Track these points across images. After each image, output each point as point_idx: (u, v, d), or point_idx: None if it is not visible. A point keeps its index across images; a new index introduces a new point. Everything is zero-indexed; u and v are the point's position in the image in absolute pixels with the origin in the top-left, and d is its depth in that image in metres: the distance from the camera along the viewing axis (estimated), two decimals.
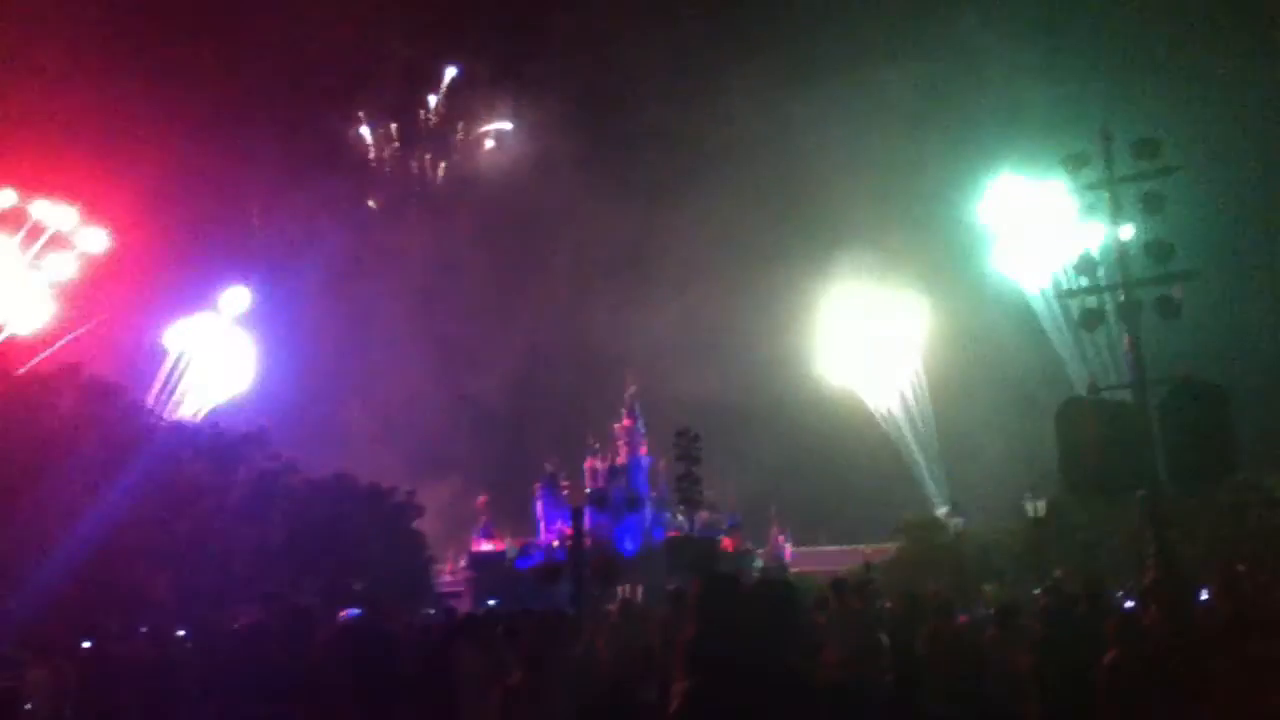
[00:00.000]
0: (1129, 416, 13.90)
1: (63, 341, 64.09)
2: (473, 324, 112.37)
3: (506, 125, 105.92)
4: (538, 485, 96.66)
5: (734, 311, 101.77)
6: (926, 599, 13.50)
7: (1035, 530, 42.29)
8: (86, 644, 19.40)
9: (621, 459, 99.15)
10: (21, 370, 51.06)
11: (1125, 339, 14.71)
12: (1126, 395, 14.74)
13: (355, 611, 10.23)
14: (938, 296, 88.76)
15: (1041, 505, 39.61)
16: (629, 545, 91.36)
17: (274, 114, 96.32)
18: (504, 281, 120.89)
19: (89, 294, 72.96)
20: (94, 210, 73.18)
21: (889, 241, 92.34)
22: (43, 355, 58.24)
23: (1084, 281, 15.10)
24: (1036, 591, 23.10)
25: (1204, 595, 14.60)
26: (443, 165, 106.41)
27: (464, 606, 66.33)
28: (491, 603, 74.96)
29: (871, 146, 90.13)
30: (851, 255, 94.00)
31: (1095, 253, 15.09)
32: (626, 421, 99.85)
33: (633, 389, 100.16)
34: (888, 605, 15.75)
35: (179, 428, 57.28)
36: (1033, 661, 10.36)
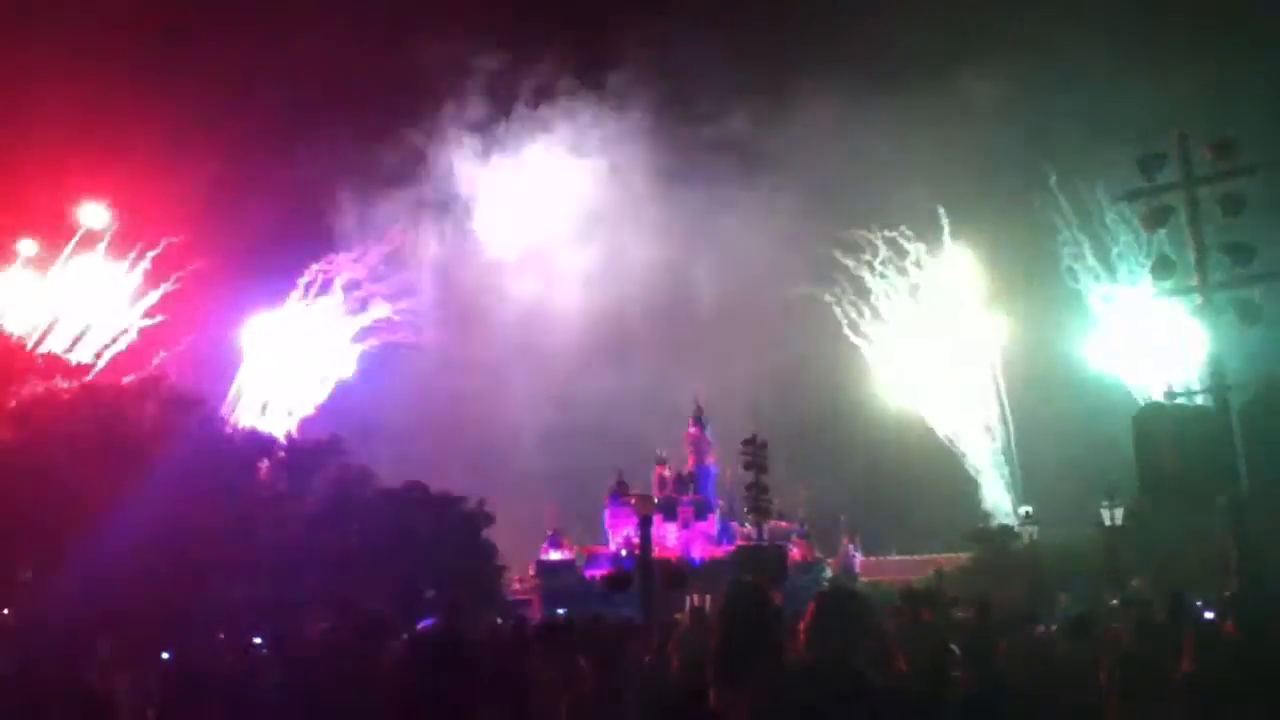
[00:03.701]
0: (1209, 421, 13.61)
1: (155, 360, 65.86)
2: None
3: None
4: (606, 494, 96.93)
5: (799, 321, 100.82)
6: (1001, 609, 13.29)
7: (1112, 538, 41.35)
8: (165, 655, 19.84)
9: (689, 467, 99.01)
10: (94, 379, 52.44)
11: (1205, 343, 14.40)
12: (1203, 400, 14.44)
13: (431, 620, 10.36)
14: (1011, 302, 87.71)
15: (1119, 513, 38.76)
16: (697, 554, 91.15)
17: (355, 119, 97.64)
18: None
19: (169, 306, 74.79)
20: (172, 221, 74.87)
21: (961, 243, 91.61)
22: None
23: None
24: (1114, 602, 22.60)
25: None
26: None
27: (533, 615, 66.62)
28: (560, 611, 75.33)
29: (945, 149, 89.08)
30: (923, 260, 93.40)
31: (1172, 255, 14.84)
32: (694, 430, 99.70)
33: (700, 397, 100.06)
34: (961, 615, 15.52)
35: (255, 437, 58.42)
36: (1113, 674, 10.13)
